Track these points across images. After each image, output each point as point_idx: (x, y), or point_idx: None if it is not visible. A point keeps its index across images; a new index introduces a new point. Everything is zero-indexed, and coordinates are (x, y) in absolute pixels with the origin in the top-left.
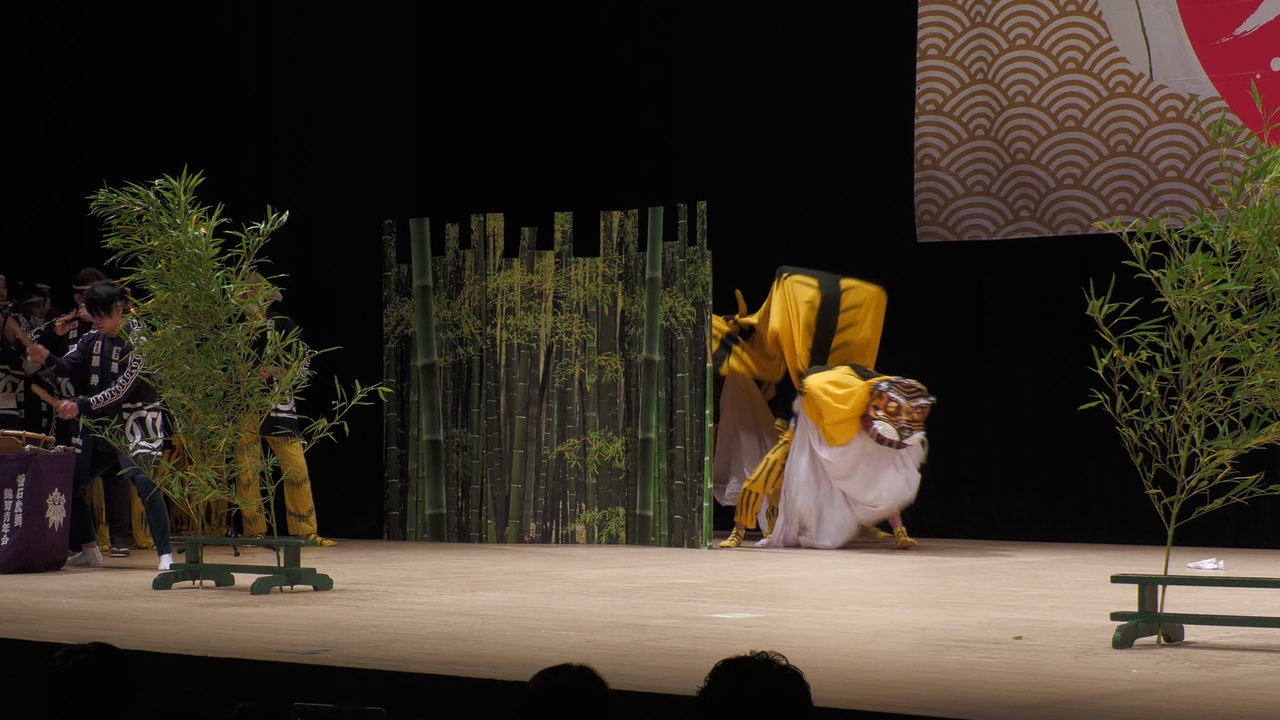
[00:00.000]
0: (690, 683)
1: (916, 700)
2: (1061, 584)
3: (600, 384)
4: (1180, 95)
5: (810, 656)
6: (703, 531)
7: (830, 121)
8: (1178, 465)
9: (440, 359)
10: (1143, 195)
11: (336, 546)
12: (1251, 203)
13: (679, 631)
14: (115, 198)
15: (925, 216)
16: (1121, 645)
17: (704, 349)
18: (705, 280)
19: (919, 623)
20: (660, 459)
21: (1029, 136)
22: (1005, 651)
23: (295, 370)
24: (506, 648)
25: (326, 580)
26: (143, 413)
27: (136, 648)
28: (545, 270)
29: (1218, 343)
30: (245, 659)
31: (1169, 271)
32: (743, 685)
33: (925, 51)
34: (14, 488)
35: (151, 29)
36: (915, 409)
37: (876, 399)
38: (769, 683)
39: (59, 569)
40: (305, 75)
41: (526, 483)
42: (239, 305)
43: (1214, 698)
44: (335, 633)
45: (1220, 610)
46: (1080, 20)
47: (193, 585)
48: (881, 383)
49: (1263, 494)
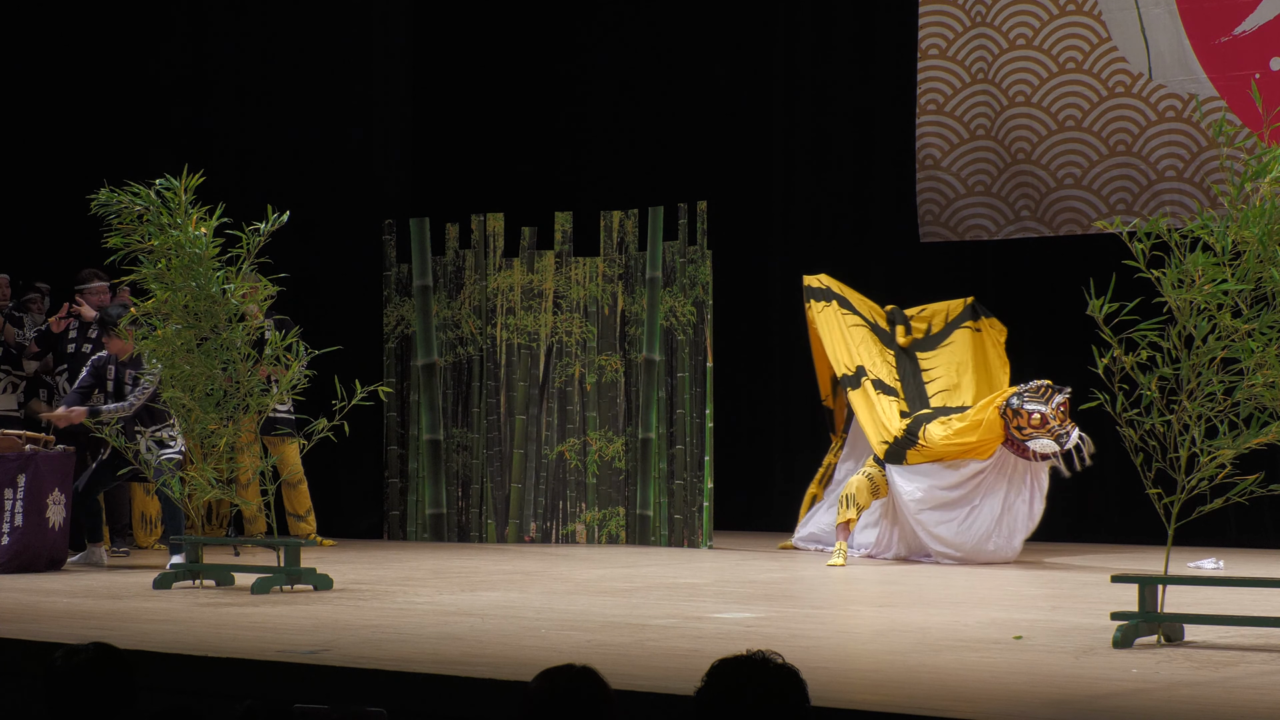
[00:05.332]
0: (690, 683)
1: (916, 700)
2: (1061, 584)
3: (600, 384)
4: (1180, 95)
5: (810, 656)
6: (703, 531)
7: (830, 121)
8: (1178, 465)
9: (440, 359)
10: (1143, 195)
11: (336, 546)
12: (1251, 202)
13: (679, 631)
14: (116, 197)
15: (927, 216)
16: (1121, 645)
17: (704, 349)
18: (705, 280)
19: (919, 623)
20: (660, 459)
21: (1029, 136)
22: (1005, 651)
23: (295, 370)
24: (507, 648)
25: (326, 580)
26: (160, 434)
27: (136, 648)
28: (545, 270)
29: (1218, 342)
30: (245, 659)
31: (1169, 271)
32: (740, 684)
33: (926, 51)
34: (14, 488)
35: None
36: (1057, 408)
37: (1015, 419)
38: (766, 681)
39: (59, 569)
40: (305, 75)
41: (526, 482)
42: (239, 305)
43: (1214, 698)
44: (335, 633)
45: (1220, 610)
46: (1080, 20)
47: (193, 585)
48: (1011, 399)
49: (1263, 494)
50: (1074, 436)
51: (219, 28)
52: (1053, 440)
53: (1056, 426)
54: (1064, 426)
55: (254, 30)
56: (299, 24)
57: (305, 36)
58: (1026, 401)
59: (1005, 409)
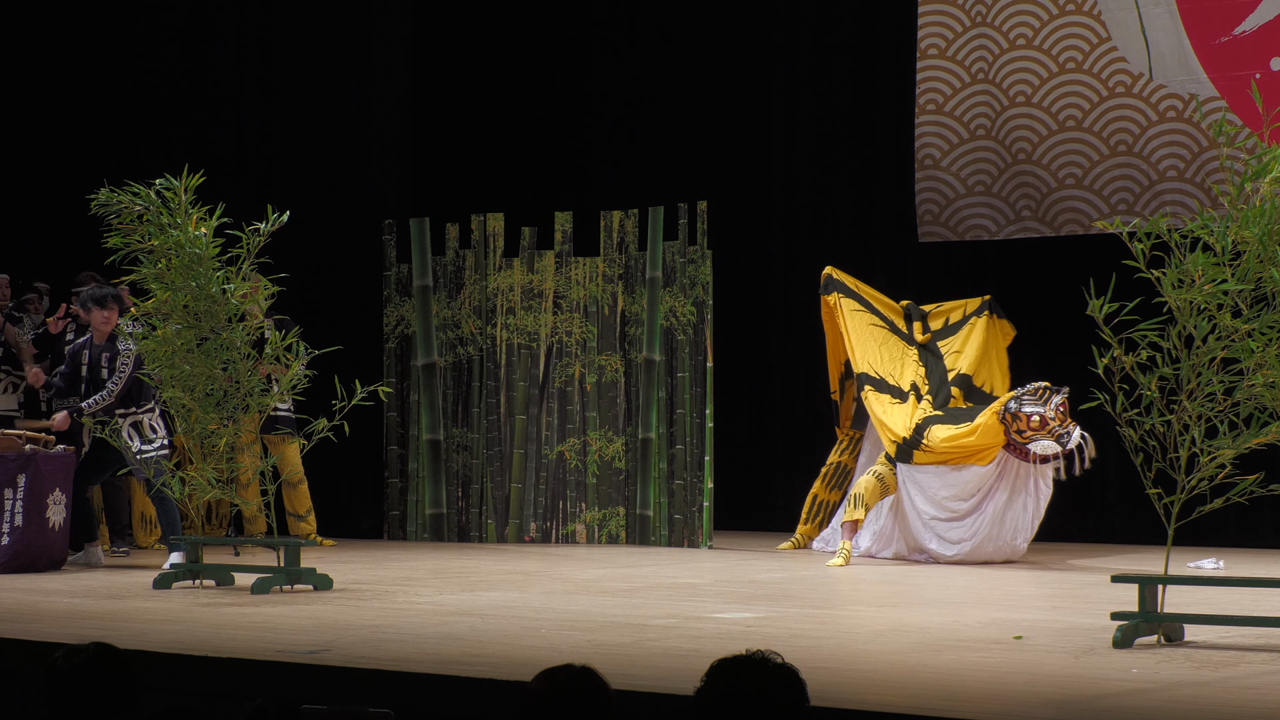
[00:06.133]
0: (690, 683)
1: (916, 700)
2: (1061, 584)
3: (600, 384)
4: (1180, 95)
5: (810, 656)
6: (703, 531)
7: (830, 121)
8: (1178, 465)
9: (440, 359)
10: (1143, 195)
11: (337, 546)
12: (1251, 202)
13: (679, 631)
14: (116, 197)
15: (927, 216)
16: (1121, 645)
17: (704, 349)
18: (705, 280)
19: (919, 623)
20: (660, 459)
21: (1030, 136)
22: (1005, 651)
23: (295, 370)
24: (507, 648)
25: (326, 580)
26: (138, 416)
27: (136, 648)
28: (545, 270)
29: (1218, 342)
30: (245, 659)
31: (1169, 271)
32: (740, 684)
33: (925, 51)
34: (14, 488)
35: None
36: (1056, 409)
37: (1015, 422)
38: (766, 681)
39: (59, 569)
40: (305, 75)
41: (526, 482)
42: (239, 305)
43: (1214, 698)
44: (335, 633)
45: (1220, 610)
46: (1080, 20)
47: (193, 585)
48: (1009, 403)
49: (1263, 494)
50: (1075, 436)
51: (219, 27)
52: (1054, 441)
53: (1057, 427)
54: (1064, 427)
55: (254, 30)
56: (299, 23)
57: (305, 36)
58: (1025, 404)
59: (1004, 413)
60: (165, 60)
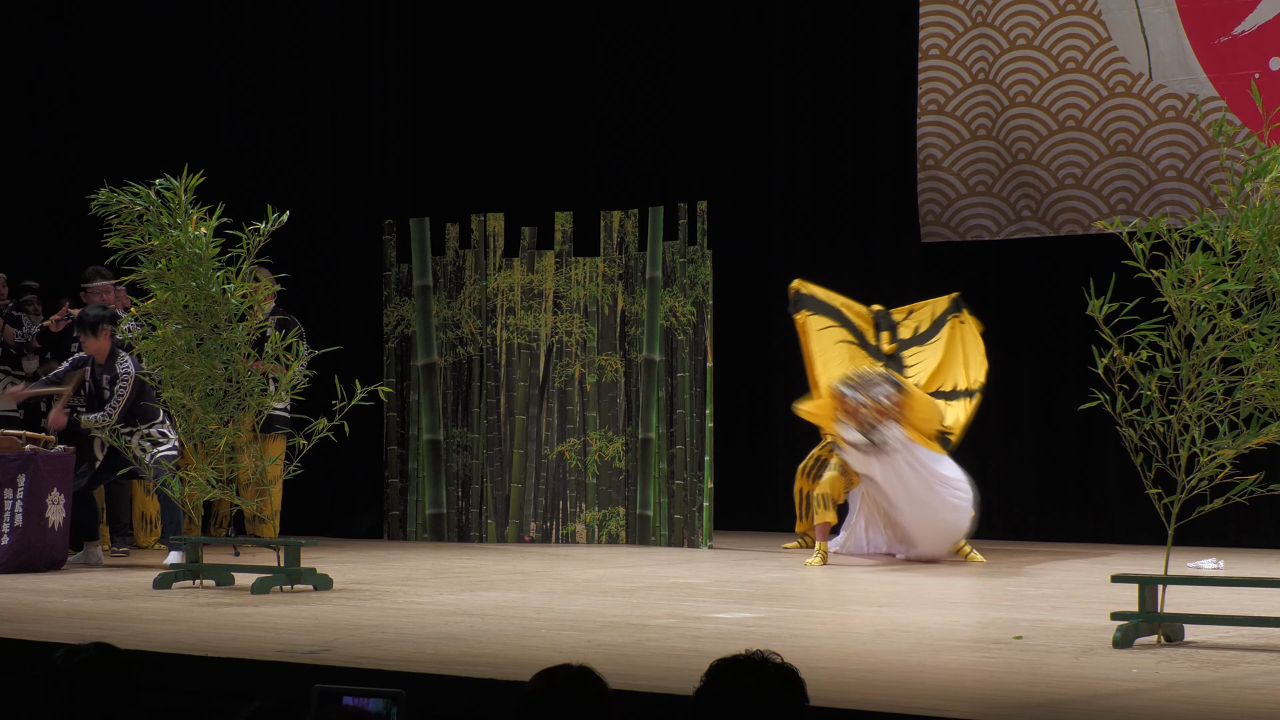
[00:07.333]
0: (690, 683)
1: (916, 700)
2: (1061, 584)
3: (600, 384)
4: (1180, 95)
5: (810, 656)
6: (703, 531)
7: (831, 121)
8: (1178, 465)
9: (440, 359)
10: (1143, 195)
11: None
12: (1251, 202)
13: (679, 631)
14: (116, 197)
15: (928, 217)
16: (1121, 645)
17: (704, 349)
18: (705, 280)
19: (919, 623)
20: (660, 459)
21: (1030, 136)
22: (1005, 651)
23: (295, 370)
24: (506, 647)
25: (326, 580)
26: (147, 430)
27: (136, 647)
28: (545, 270)
29: (1218, 342)
30: (245, 659)
31: (1169, 271)
32: (739, 684)
33: (927, 51)
34: (14, 488)
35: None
36: (878, 400)
37: (836, 400)
38: (765, 681)
39: (59, 569)
40: (305, 75)
41: (526, 482)
42: (240, 305)
43: (1214, 698)
44: (335, 633)
45: (1220, 610)
46: (1080, 20)
47: (193, 585)
48: (837, 381)
49: (1263, 494)
50: (888, 435)
51: (219, 27)
52: (859, 433)
53: (869, 418)
54: (879, 421)
55: (254, 30)
56: (299, 23)
57: (305, 36)
58: (845, 386)
59: (833, 388)
60: (166, 59)
